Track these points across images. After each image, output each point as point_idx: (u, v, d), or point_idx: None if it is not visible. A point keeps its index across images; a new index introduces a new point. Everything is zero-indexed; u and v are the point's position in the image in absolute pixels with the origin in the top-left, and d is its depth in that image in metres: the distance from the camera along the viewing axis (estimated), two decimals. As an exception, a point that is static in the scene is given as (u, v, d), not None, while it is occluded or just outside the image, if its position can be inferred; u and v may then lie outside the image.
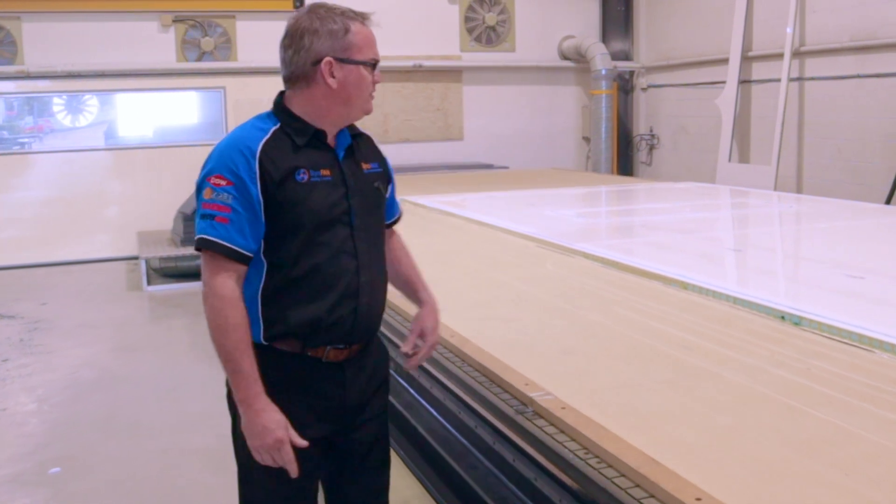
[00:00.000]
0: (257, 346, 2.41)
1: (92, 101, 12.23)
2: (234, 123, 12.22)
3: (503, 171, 12.47)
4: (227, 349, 2.36)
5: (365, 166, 2.64)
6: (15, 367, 7.12)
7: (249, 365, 2.36)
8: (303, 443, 2.41)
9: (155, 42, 12.01)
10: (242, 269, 2.41)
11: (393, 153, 11.09)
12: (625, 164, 14.21)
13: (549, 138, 14.06)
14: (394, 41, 12.84)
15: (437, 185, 9.94)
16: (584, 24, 13.99)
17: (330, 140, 2.57)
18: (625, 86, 14.16)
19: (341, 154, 2.58)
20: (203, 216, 2.40)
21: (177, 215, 10.81)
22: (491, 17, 13.41)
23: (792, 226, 6.56)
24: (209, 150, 2.56)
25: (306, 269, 2.44)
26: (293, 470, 2.41)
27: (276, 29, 9.73)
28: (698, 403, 2.72)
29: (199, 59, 12.23)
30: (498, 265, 5.03)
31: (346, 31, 2.53)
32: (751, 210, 7.49)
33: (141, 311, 9.10)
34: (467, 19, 13.37)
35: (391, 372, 2.83)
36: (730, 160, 11.67)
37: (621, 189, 9.19)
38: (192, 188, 2.87)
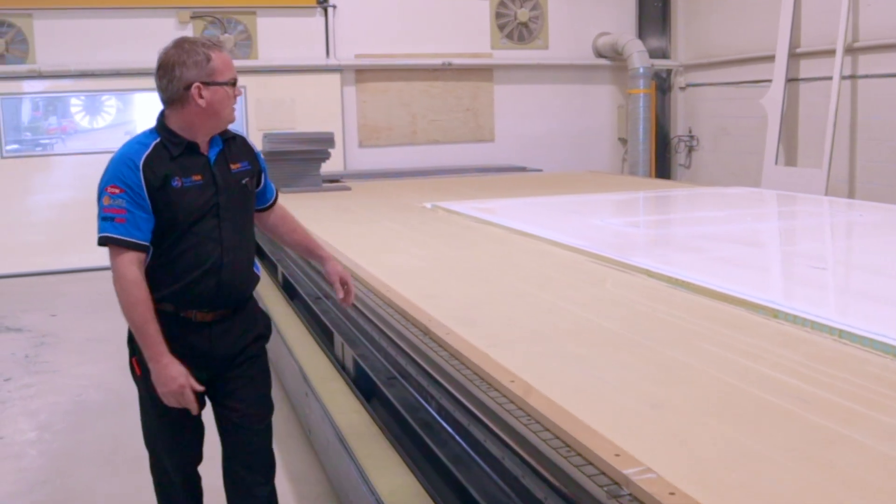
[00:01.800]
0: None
1: (110, 102, 11.69)
2: (255, 126, 11.76)
3: (536, 174, 11.86)
4: (135, 321, 3.01)
5: (234, 166, 3.20)
6: (17, 387, 6.58)
7: (154, 330, 3.00)
8: (200, 388, 3.08)
9: (172, 39, 11.44)
10: (142, 255, 3.03)
11: (420, 155, 10.57)
12: (662, 166, 13.57)
13: (582, 140, 13.44)
14: (422, 38, 12.30)
15: (470, 190, 9.34)
16: (619, 21, 13.35)
17: (203, 148, 3.14)
18: (662, 85, 13.52)
19: (213, 158, 3.15)
20: (104, 218, 3.01)
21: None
22: (523, 14, 12.79)
23: (873, 238, 5.91)
24: None
25: (179, 252, 3.07)
26: (194, 409, 3.10)
27: (298, 26, 9.21)
28: (842, 486, 2.11)
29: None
30: (550, 285, 4.42)
31: (209, 59, 3.06)
32: (818, 219, 6.84)
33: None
34: (498, 15, 12.77)
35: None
36: (776, 163, 11.02)
37: (667, 194, 8.56)
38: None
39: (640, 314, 3.83)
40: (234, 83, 3.15)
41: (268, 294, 7.54)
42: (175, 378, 3.02)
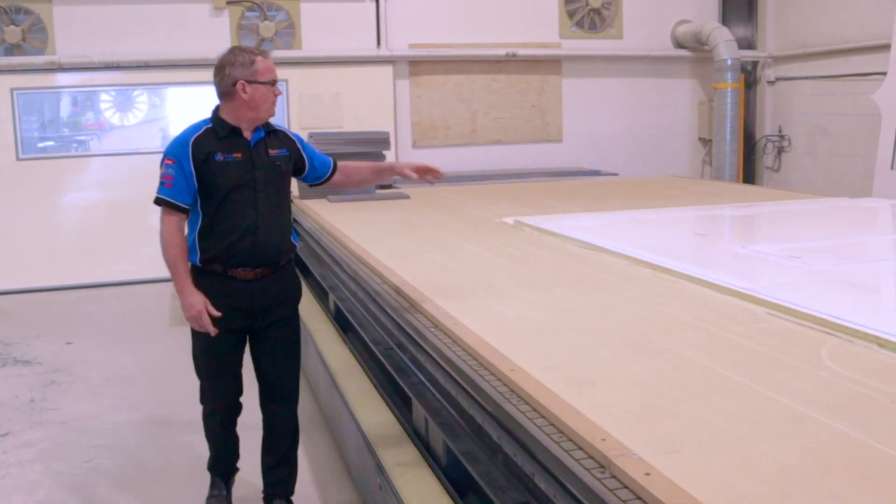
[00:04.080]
0: (196, 268, 3.89)
1: (141, 97, 10.47)
2: (297, 124, 10.49)
3: (613, 179, 10.52)
4: (170, 260, 3.85)
5: (272, 151, 3.97)
6: (15, 446, 5.37)
7: (184, 269, 3.85)
8: (216, 313, 3.84)
9: (206, 27, 10.26)
10: (182, 216, 3.89)
11: (480, 157, 9.03)
12: (747, 169, 12.19)
13: (658, 140, 12.09)
14: (483, 26, 11.04)
15: (547, 200, 8.04)
16: (700, 7, 11.97)
17: (246, 134, 3.92)
18: (747, 79, 12.12)
19: (253, 143, 3.92)
20: (160, 183, 3.87)
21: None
22: (595, -1, 11.47)
23: None
24: None
25: (222, 215, 3.86)
26: (211, 330, 3.85)
27: (346, 12, 7.84)
28: None
29: (258, 46, 10.42)
30: (747, 361, 3.11)
31: (253, 62, 3.84)
32: None
33: (185, 357, 7.30)
34: (567, 1, 11.43)
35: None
36: (892, 167, 9.61)
37: (791, 207, 7.19)
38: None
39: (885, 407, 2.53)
40: (273, 83, 3.89)
41: (317, 328, 6.29)
42: (194, 305, 3.82)
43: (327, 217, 7.32)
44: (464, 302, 4.01)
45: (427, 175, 4.21)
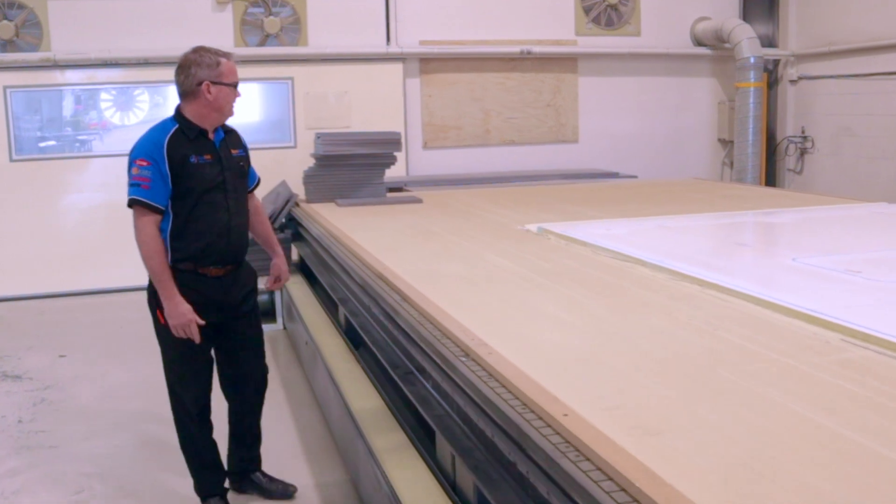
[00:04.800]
0: (171, 266, 3.92)
1: (142, 96, 10.02)
2: (303, 124, 10.05)
3: (632, 181, 10.08)
4: (154, 268, 3.86)
5: (234, 151, 4.13)
6: (0, 474, 4.93)
7: (168, 276, 3.87)
8: (202, 322, 3.93)
9: (208, 23, 9.83)
10: (158, 217, 3.88)
11: (494, 158, 8.48)
12: (768, 171, 11.74)
13: (676, 140, 11.64)
14: (497, 23, 10.61)
15: (568, 205, 7.61)
16: (720, 3, 11.53)
17: (210, 135, 4.02)
18: (768, 78, 11.66)
19: (217, 143, 4.04)
20: (133, 185, 3.83)
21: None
22: (613, -7, 11.02)
23: None
24: (274, 154, 5.98)
25: (196, 217, 3.94)
26: (197, 338, 3.92)
27: (354, 7, 7.00)
28: None
29: (263, 43, 10.02)
30: (810, 389, 2.70)
31: (218, 64, 3.95)
32: None
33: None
34: (584, -4, 11.00)
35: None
36: (927, 170, 9.19)
37: (829, 213, 6.74)
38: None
39: None
40: (236, 85, 4.01)
41: (326, 342, 5.84)
42: (184, 313, 3.88)
43: (336, 223, 6.89)
44: (494, 324, 3.57)
45: (269, 283, 4.53)
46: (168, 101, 10.10)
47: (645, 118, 11.43)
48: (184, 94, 3.96)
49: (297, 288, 7.76)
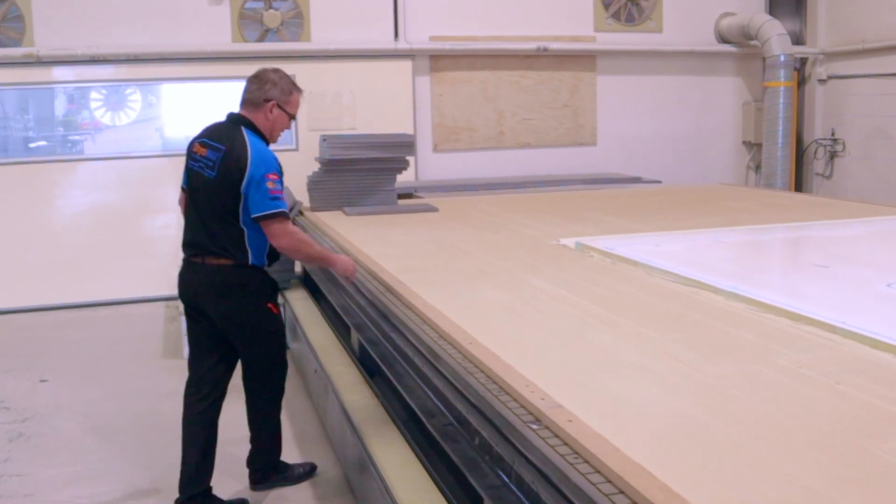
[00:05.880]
0: (257, 268, 4.15)
1: (133, 95, 9.34)
2: (305, 125, 9.26)
3: (658, 187, 9.45)
4: (312, 252, 4.22)
5: None
6: (-33, 530, 4.27)
7: (322, 249, 4.40)
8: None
9: (204, 16, 9.15)
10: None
11: (508, 162, 6.52)
12: (796, 176, 11.11)
13: (699, 143, 11.00)
14: (511, 18, 9.99)
15: (595, 213, 6.98)
16: (745, -1, 10.88)
17: None
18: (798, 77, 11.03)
19: None
20: (273, 198, 3.96)
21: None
22: (634, -12, 10.37)
23: None
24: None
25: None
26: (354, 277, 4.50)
27: (360, 1, 5.01)
28: None
29: (262, 38, 9.35)
30: None
31: (291, 93, 4.22)
32: None
33: (181, 399, 6.18)
34: (603, -10, 10.35)
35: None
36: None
37: (888, 223, 6.11)
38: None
39: None
40: (293, 117, 4.31)
41: (339, 373, 5.18)
42: (350, 260, 4.45)
43: (346, 235, 6.25)
44: (560, 372, 2.92)
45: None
46: (161, 101, 9.43)
47: (666, 119, 10.78)
48: (248, 102, 4.16)
49: (301, 304, 7.11)
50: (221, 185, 3.99)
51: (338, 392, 4.82)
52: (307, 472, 4.64)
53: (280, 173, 4.03)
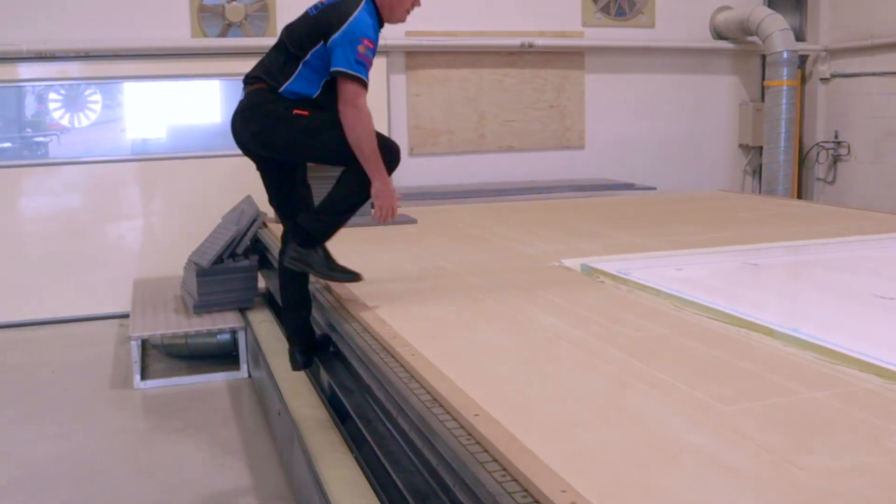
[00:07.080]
0: (284, 97, 3.96)
1: (94, 95, 8.52)
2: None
3: (653, 194, 8.77)
4: (369, 147, 3.83)
5: None
6: None
7: (380, 157, 3.90)
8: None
9: (160, 9, 8.36)
10: None
11: (489, 166, 3.93)
12: (799, 181, 10.46)
13: (694, 146, 10.33)
14: (493, 11, 9.29)
15: (595, 227, 6.27)
16: (742, -8, 10.21)
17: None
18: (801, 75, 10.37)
19: None
20: (360, 63, 3.77)
21: (188, 264, 7.17)
22: (625, -20, 9.66)
23: None
24: (236, 161, 4.71)
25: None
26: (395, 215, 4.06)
27: None
28: None
29: (224, 33, 8.56)
30: None
31: None
32: None
33: (130, 437, 5.40)
34: (591, -18, 9.63)
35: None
36: None
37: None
38: (208, 218, 5.48)
39: None
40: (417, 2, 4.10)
41: (306, 415, 4.41)
42: (394, 195, 4.00)
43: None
44: (602, 463, 2.17)
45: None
46: (118, 101, 8.62)
47: (658, 121, 10.09)
48: None
49: (264, 328, 6.37)
50: (312, 24, 3.90)
51: (307, 450, 4.05)
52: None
53: (375, 42, 3.85)
